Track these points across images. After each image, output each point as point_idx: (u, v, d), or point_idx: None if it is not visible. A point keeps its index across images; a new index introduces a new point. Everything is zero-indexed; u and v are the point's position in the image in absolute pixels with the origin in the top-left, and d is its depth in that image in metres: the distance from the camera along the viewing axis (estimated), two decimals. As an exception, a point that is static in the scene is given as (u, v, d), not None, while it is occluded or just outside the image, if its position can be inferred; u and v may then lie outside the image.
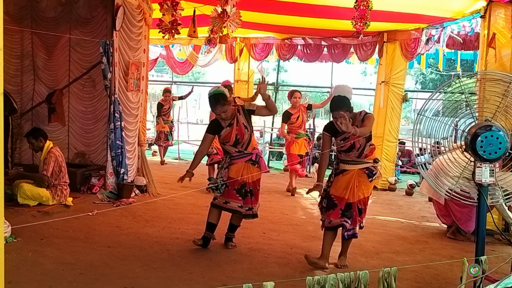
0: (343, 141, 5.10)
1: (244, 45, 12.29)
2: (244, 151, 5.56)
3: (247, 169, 5.53)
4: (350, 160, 5.14)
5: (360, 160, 5.12)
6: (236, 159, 5.56)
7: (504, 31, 6.50)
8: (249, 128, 5.54)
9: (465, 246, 6.19)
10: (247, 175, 5.51)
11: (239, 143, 5.52)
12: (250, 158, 5.55)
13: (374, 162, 5.17)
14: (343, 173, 5.15)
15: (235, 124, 5.48)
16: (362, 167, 5.12)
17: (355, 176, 5.10)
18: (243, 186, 5.51)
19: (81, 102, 8.72)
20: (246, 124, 5.52)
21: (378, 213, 8.00)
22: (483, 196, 3.23)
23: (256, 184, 5.64)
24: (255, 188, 5.63)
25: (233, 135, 5.49)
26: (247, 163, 5.55)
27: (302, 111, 9.29)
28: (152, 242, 5.75)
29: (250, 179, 5.55)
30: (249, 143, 5.56)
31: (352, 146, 5.05)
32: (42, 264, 4.81)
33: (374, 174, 5.13)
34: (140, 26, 8.06)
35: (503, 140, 3.16)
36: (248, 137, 5.53)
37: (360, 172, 5.12)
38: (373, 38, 10.27)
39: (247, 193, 5.56)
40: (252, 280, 4.67)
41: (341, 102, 5.01)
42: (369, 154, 5.15)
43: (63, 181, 7.04)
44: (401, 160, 13.13)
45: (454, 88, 3.57)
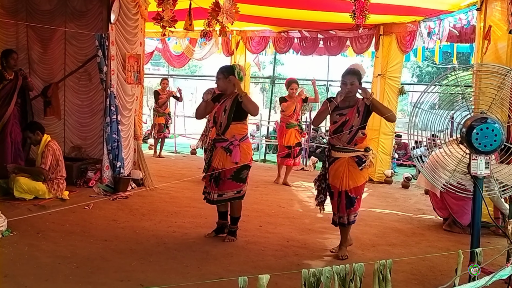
0: (339, 117, 5.17)
1: (240, 38, 12.26)
2: (222, 135, 5.52)
3: (221, 155, 5.51)
4: (341, 147, 5.17)
5: (351, 148, 5.15)
6: (217, 142, 5.60)
7: (500, 24, 6.49)
8: (228, 113, 5.44)
9: (461, 239, 6.21)
10: (217, 162, 5.51)
11: (216, 123, 5.58)
12: (224, 145, 5.48)
13: (365, 150, 5.16)
14: (335, 161, 5.22)
15: (220, 103, 5.55)
16: (353, 155, 5.15)
17: (345, 165, 5.16)
18: (213, 171, 5.51)
19: (77, 96, 8.69)
20: (228, 108, 5.45)
21: (375, 206, 8.02)
22: (478, 189, 3.24)
23: (226, 173, 5.46)
24: (225, 177, 5.47)
25: (214, 112, 5.63)
26: (221, 149, 5.51)
27: (297, 101, 9.31)
28: (148, 235, 5.75)
29: (219, 166, 5.49)
30: (226, 129, 5.48)
31: (345, 123, 5.13)
32: (38, 257, 4.80)
33: (363, 162, 5.14)
34: (136, 19, 8.03)
35: (499, 133, 3.17)
36: (224, 122, 5.47)
37: (350, 160, 5.16)
38: (369, 31, 10.25)
39: (212, 179, 5.52)
40: (249, 273, 4.69)
41: (354, 71, 5.18)
42: (359, 142, 5.17)
43: (60, 175, 7.03)
44: (398, 153, 13.17)
45: (450, 80, 3.57)
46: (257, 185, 9.12)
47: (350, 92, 5.12)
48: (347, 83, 5.11)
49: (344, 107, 5.18)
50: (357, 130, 5.11)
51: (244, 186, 5.61)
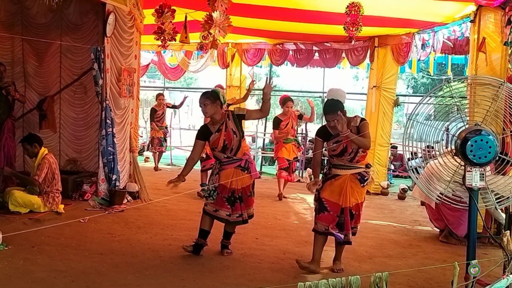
0: (336, 144, 5.09)
1: (236, 51, 12.30)
2: (234, 157, 5.48)
3: (237, 176, 5.43)
4: (342, 164, 5.13)
5: (352, 165, 5.11)
6: (225, 164, 5.50)
7: (494, 36, 6.54)
8: (238, 134, 5.44)
9: (457, 250, 6.21)
10: (235, 182, 5.42)
11: (227, 148, 5.45)
12: (239, 164, 5.47)
13: (366, 167, 5.16)
14: (335, 177, 5.15)
15: (223, 130, 5.42)
16: (354, 172, 5.11)
17: (347, 181, 5.09)
18: (232, 193, 5.46)
19: (72, 109, 8.68)
20: (235, 129, 5.43)
21: (371, 218, 8.01)
22: (473, 200, 3.24)
23: (246, 190, 5.53)
24: (245, 195, 5.52)
25: (221, 141, 5.43)
26: (236, 169, 5.47)
27: (292, 118, 9.29)
28: (144, 248, 5.73)
29: (239, 186, 5.46)
30: (238, 149, 5.47)
31: (344, 150, 5.06)
32: (34, 272, 4.77)
33: (366, 180, 5.13)
34: (132, 32, 8.05)
35: (493, 144, 3.17)
36: (237, 143, 5.44)
37: (352, 177, 5.11)
38: (364, 43, 10.32)
39: (236, 199, 5.48)
40: (245, 286, 4.68)
41: (334, 106, 5.01)
42: (361, 160, 5.14)
43: (55, 189, 7.00)
44: (393, 164, 13.18)
45: (444, 92, 3.58)
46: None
47: (336, 130, 5.01)
48: (330, 121, 5.02)
49: (338, 135, 5.05)
50: (357, 150, 5.07)
51: None
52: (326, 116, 5.07)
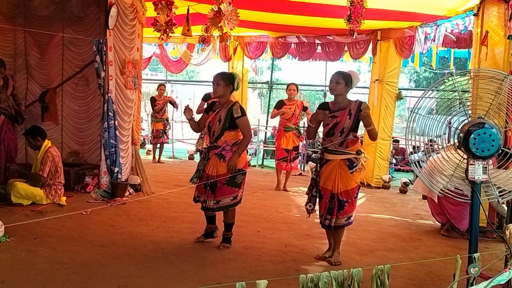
0: (330, 119, 5.21)
1: (238, 44, 12.27)
2: (214, 142, 5.56)
3: (215, 163, 5.50)
4: (334, 149, 5.19)
5: (342, 150, 5.18)
6: (211, 149, 5.63)
7: (497, 29, 6.51)
8: (222, 124, 5.46)
9: (459, 244, 6.21)
10: (211, 169, 5.51)
11: (210, 130, 5.59)
12: (216, 151, 5.51)
13: (356, 153, 5.18)
14: (327, 163, 5.25)
15: (214, 113, 5.57)
16: (344, 157, 5.18)
17: (337, 167, 5.18)
18: (207, 179, 5.51)
19: (74, 101, 8.69)
20: (223, 118, 5.47)
21: (372, 211, 8.02)
22: (476, 194, 3.23)
23: (220, 178, 5.46)
24: (220, 182, 5.45)
25: (208, 121, 5.60)
26: (215, 156, 5.53)
27: (297, 106, 9.30)
28: (146, 241, 5.74)
29: (214, 173, 5.47)
30: (219, 136, 5.51)
31: (335, 125, 5.17)
32: (36, 263, 4.78)
33: (354, 166, 5.15)
34: (133, 24, 8.04)
35: (496, 138, 3.16)
36: (218, 130, 5.49)
37: (342, 163, 5.18)
38: (366, 36, 10.28)
39: (208, 186, 5.49)
40: (246, 278, 4.68)
41: (344, 72, 5.28)
42: (351, 144, 5.19)
43: (58, 181, 7.02)
44: (395, 158, 13.17)
45: (447, 86, 3.57)
46: (255, 191, 9.11)
47: (334, 90, 5.24)
48: (332, 81, 5.24)
49: (336, 110, 5.25)
50: (348, 132, 5.15)
51: (240, 191, 5.59)
52: (332, 76, 5.27)
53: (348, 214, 5.25)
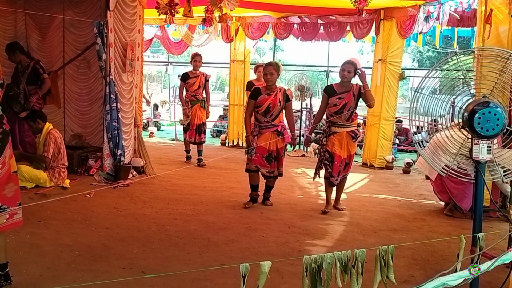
0: (338, 100, 6.29)
1: (239, 25, 12.17)
2: (272, 122, 6.51)
3: (273, 139, 6.48)
4: (341, 123, 6.32)
5: (348, 124, 6.34)
6: (264, 128, 6.53)
7: (501, 7, 6.43)
8: (282, 104, 6.49)
9: (462, 223, 6.22)
10: (273, 144, 6.48)
11: (269, 112, 6.46)
12: (276, 129, 6.52)
13: (357, 126, 6.48)
14: (334, 134, 6.36)
15: (273, 96, 6.46)
16: (349, 130, 6.34)
17: (345, 138, 6.35)
18: (270, 154, 6.52)
19: (76, 84, 8.67)
20: (281, 101, 6.48)
21: (375, 192, 8.03)
22: (480, 173, 3.21)
23: (280, 151, 6.59)
24: (279, 155, 6.59)
25: (267, 103, 6.44)
26: (273, 133, 6.51)
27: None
28: (150, 223, 5.76)
29: (275, 147, 6.52)
30: (277, 116, 6.52)
31: (344, 105, 6.26)
32: (40, 246, 4.81)
33: (357, 136, 6.46)
34: (134, 6, 7.97)
35: (501, 117, 3.13)
36: (277, 111, 6.49)
37: (347, 134, 6.35)
38: (369, 16, 10.17)
39: (271, 158, 6.54)
40: (250, 259, 4.70)
41: (353, 62, 6.29)
42: (354, 119, 6.41)
43: (61, 163, 7.03)
44: (398, 139, 13.15)
45: (451, 65, 3.53)
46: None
47: (346, 78, 6.25)
48: (345, 70, 6.24)
49: (342, 92, 6.33)
50: (353, 110, 6.33)
51: None
52: (345, 64, 6.25)
53: (348, 171, 6.59)
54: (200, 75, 9.34)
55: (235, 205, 6.67)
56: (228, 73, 12.91)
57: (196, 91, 9.31)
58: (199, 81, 9.31)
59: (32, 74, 7.70)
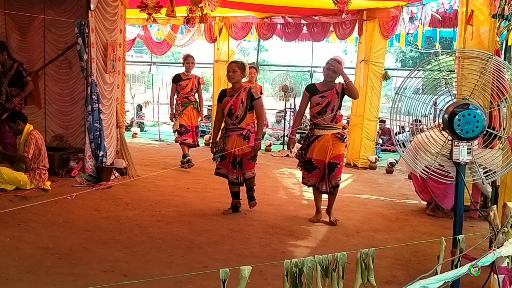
0: (321, 99, 5.94)
1: (223, 25, 12.15)
2: (238, 125, 6.16)
3: (239, 143, 6.13)
4: (325, 124, 5.94)
5: (332, 125, 5.96)
6: (230, 131, 6.21)
7: (482, 8, 6.48)
8: (245, 105, 6.10)
9: (444, 223, 6.26)
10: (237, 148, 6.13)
11: (232, 114, 6.13)
12: (241, 132, 6.15)
13: (343, 128, 6.10)
14: (318, 138, 5.96)
15: (235, 97, 6.12)
16: (334, 132, 5.94)
17: (329, 141, 5.92)
18: (234, 158, 6.16)
19: (57, 84, 8.59)
20: (244, 101, 6.10)
21: (359, 192, 8.05)
22: (460, 175, 3.23)
23: (247, 155, 6.19)
24: (245, 158, 6.19)
25: (229, 105, 6.12)
26: (239, 137, 6.15)
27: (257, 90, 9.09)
28: (132, 225, 5.71)
29: (240, 152, 6.14)
30: (243, 119, 6.15)
31: (328, 104, 5.89)
32: (20, 249, 4.74)
33: (345, 138, 6.06)
34: (116, 5, 7.90)
35: (480, 119, 3.15)
36: (242, 113, 6.12)
37: (333, 137, 5.94)
38: (352, 17, 10.22)
39: (236, 163, 6.18)
40: (233, 261, 4.68)
41: (338, 60, 5.97)
42: (339, 119, 6.07)
43: (42, 165, 6.95)
44: (382, 138, 13.21)
45: (432, 66, 3.54)
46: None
47: (331, 77, 5.94)
48: (330, 68, 5.91)
49: (324, 90, 5.97)
50: (337, 109, 5.95)
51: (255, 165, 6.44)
52: (330, 63, 5.92)
53: (339, 176, 6.04)
54: (192, 78, 9.24)
55: (219, 207, 6.64)
56: (212, 73, 12.86)
57: (189, 93, 9.21)
58: (191, 83, 9.17)
59: (16, 76, 7.60)
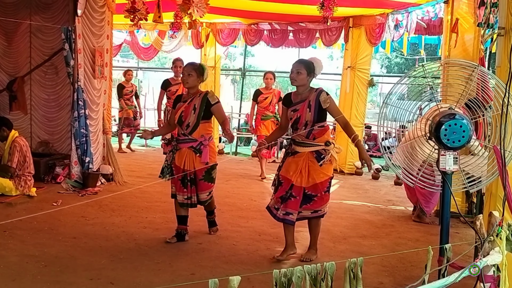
0: (293, 113, 4.93)
1: (210, 31, 12.17)
2: (189, 135, 5.29)
3: (189, 157, 5.29)
4: (300, 141, 4.89)
5: (310, 142, 4.86)
6: (181, 143, 5.35)
7: (467, 16, 6.57)
8: (197, 112, 5.24)
9: (430, 229, 6.30)
10: (187, 164, 5.28)
11: (182, 122, 5.28)
12: (192, 145, 5.28)
13: (325, 145, 4.85)
14: (294, 155, 4.94)
15: (187, 103, 5.31)
16: (312, 149, 4.85)
17: (305, 160, 4.86)
18: (185, 175, 5.26)
19: (43, 90, 8.54)
20: (197, 107, 5.25)
21: (345, 198, 8.08)
22: (447, 184, 3.27)
23: (198, 174, 5.29)
24: (197, 178, 5.31)
25: (179, 112, 5.31)
26: (189, 149, 5.28)
27: (274, 95, 9.27)
28: (118, 232, 5.68)
29: (191, 167, 5.27)
30: (195, 128, 5.27)
31: (297, 120, 4.86)
32: (5, 256, 4.70)
33: (323, 158, 4.82)
34: (103, 11, 7.89)
35: (467, 129, 3.19)
36: (193, 121, 5.24)
37: (310, 155, 4.86)
38: (338, 24, 10.29)
39: (187, 181, 5.30)
40: (221, 268, 4.68)
41: (305, 61, 4.97)
42: (318, 136, 4.86)
43: (27, 172, 6.91)
44: (368, 144, 13.27)
45: (417, 72, 3.58)
46: (229, 178, 9.09)
47: (295, 81, 4.87)
48: (293, 71, 4.88)
49: (297, 102, 4.94)
50: (312, 124, 4.81)
51: (214, 186, 5.48)
52: (293, 65, 4.92)
53: (316, 208, 4.95)
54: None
55: (205, 212, 6.62)
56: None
57: None
58: (182, 88, 9.12)
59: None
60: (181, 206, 5.41)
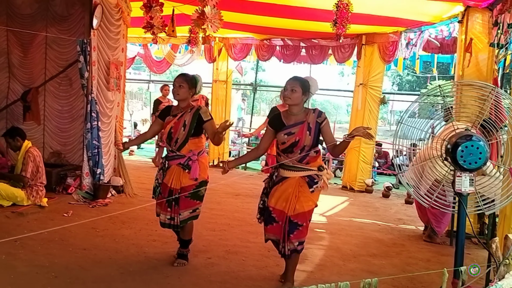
0: (287, 137, 4.44)
1: (223, 45, 12.24)
2: (177, 151, 4.96)
3: (178, 174, 4.95)
4: (291, 165, 4.46)
5: (302, 166, 4.46)
6: (170, 160, 5.03)
7: (481, 36, 6.57)
8: (187, 128, 4.89)
9: (441, 249, 6.26)
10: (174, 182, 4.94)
11: (171, 138, 4.94)
12: (180, 161, 4.94)
13: (318, 169, 4.48)
14: (282, 181, 4.51)
15: (177, 118, 4.95)
16: (304, 174, 4.46)
17: (295, 185, 4.45)
18: (170, 194, 4.93)
19: (57, 101, 8.59)
20: (188, 123, 4.89)
21: (355, 215, 8.04)
22: (462, 206, 3.25)
23: (184, 191, 4.89)
24: (183, 195, 4.90)
25: (169, 127, 4.95)
26: (178, 166, 4.95)
27: None
28: (128, 244, 5.68)
29: (178, 186, 4.92)
30: (183, 144, 4.93)
31: (295, 144, 4.40)
32: (16, 267, 4.71)
33: (315, 183, 4.46)
34: (119, 25, 7.97)
35: (483, 150, 3.18)
36: (182, 137, 4.90)
37: (301, 180, 4.46)
38: (351, 41, 10.31)
39: (172, 200, 4.92)
40: (229, 283, 4.67)
41: (300, 78, 4.53)
42: (312, 161, 4.47)
43: (39, 182, 6.93)
44: (378, 162, 13.23)
45: (431, 90, 3.58)
46: (238, 193, 9.09)
47: (289, 99, 4.42)
48: (287, 88, 4.44)
49: (292, 125, 4.47)
50: (309, 149, 4.42)
51: (200, 205, 5.04)
52: (287, 82, 4.49)
53: (300, 239, 4.48)
54: (200, 98, 9.20)
55: (215, 227, 6.62)
56: (210, 93, 12.92)
57: None
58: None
59: None
60: (162, 226, 5.06)
